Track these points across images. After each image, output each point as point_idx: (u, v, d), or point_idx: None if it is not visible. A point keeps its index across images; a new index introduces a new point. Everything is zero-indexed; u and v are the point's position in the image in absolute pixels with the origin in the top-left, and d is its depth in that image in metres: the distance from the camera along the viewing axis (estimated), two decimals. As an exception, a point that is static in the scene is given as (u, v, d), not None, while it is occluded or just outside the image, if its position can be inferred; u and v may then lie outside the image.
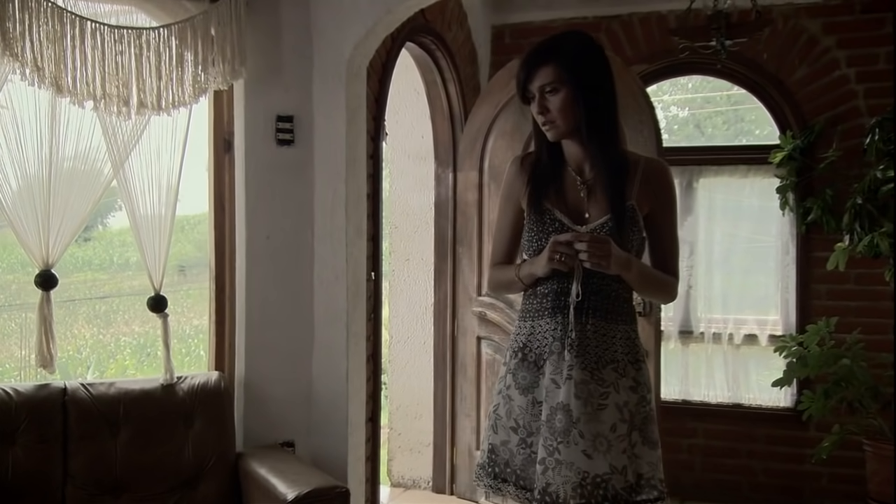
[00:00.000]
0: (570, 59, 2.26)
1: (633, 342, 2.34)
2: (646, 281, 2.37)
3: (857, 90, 4.80)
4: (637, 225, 2.32)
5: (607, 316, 2.29)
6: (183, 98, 3.25)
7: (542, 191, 2.38)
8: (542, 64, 2.27)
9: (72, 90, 3.05)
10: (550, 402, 2.26)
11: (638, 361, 2.33)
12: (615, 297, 2.31)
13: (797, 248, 4.87)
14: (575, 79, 2.25)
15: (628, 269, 2.27)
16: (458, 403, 4.92)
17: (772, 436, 4.93)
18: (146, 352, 6.88)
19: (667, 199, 2.39)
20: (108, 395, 3.18)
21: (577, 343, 2.25)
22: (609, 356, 2.28)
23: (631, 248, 2.30)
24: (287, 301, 3.53)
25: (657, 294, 2.47)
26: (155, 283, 3.30)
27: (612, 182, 2.31)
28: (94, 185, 3.19)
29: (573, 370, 2.24)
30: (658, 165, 2.42)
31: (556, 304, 2.31)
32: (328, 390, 3.54)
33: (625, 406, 2.27)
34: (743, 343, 5.03)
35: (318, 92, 3.52)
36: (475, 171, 4.81)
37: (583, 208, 2.34)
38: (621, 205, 2.30)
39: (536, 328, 2.35)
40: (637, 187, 2.32)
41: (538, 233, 2.35)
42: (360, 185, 3.65)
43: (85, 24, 3.08)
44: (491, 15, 5.39)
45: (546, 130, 2.33)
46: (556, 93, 2.26)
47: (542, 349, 2.32)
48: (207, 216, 3.60)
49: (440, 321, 5.01)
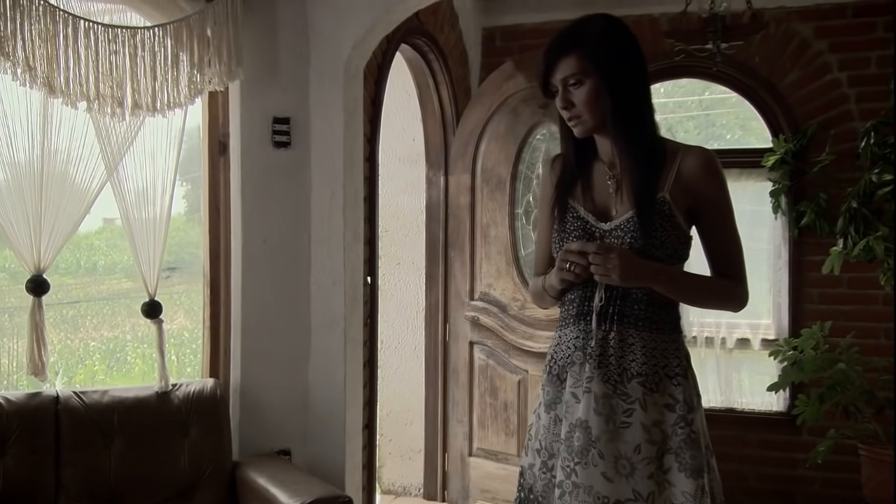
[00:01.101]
0: (594, 47, 2.07)
1: (671, 354, 2.11)
2: (685, 290, 2.15)
3: (848, 94, 4.83)
4: (671, 221, 2.08)
5: (636, 324, 2.09)
6: (178, 99, 3.20)
7: (568, 188, 2.23)
8: (563, 54, 2.09)
9: (64, 90, 2.98)
10: (570, 418, 2.11)
11: (677, 376, 2.09)
12: (647, 302, 2.10)
13: (789, 251, 4.88)
14: (600, 68, 2.06)
15: (650, 279, 2.07)
16: (450, 409, 4.88)
17: (764, 440, 4.94)
18: (115, 357, 6.81)
19: (713, 191, 2.11)
20: (101, 404, 3.12)
21: (596, 353, 2.09)
22: (635, 369, 2.07)
23: (663, 249, 2.08)
24: (283, 306, 3.48)
25: (710, 303, 2.24)
26: (149, 288, 3.23)
27: (639, 173, 2.10)
28: (87, 188, 3.12)
29: (592, 383, 2.07)
30: (700, 153, 2.13)
31: (581, 310, 2.15)
32: (325, 397, 3.49)
33: (654, 426, 2.06)
34: (735, 347, 5.04)
35: (315, 93, 3.48)
36: (467, 175, 4.78)
37: (610, 204, 2.17)
38: (648, 198, 2.08)
39: (562, 338, 2.20)
40: (672, 178, 2.09)
41: (560, 233, 2.21)
42: (357, 188, 3.61)
43: (78, 22, 3.01)
44: (482, 17, 5.37)
45: (573, 126, 2.16)
46: (581, 85, 2.08)
47: (565, 360, 2.17)
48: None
49: (431, 326, 4.97)
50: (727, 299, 2.22)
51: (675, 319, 2.15)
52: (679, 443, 2.05)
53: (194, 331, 4.89)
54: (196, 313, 4.99)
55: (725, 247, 2.17)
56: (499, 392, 4.66)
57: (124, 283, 4.74)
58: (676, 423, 2.06)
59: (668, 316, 2.13)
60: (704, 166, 2.11)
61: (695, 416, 2.08)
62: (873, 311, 4.72)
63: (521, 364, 4.55)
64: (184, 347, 4.86)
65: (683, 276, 2.16)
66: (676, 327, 2.15)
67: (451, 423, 4.89)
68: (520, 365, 4.56)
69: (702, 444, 2.09)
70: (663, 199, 2.09)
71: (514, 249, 4.60)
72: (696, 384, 2.14)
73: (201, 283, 3.51)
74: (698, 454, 2.06)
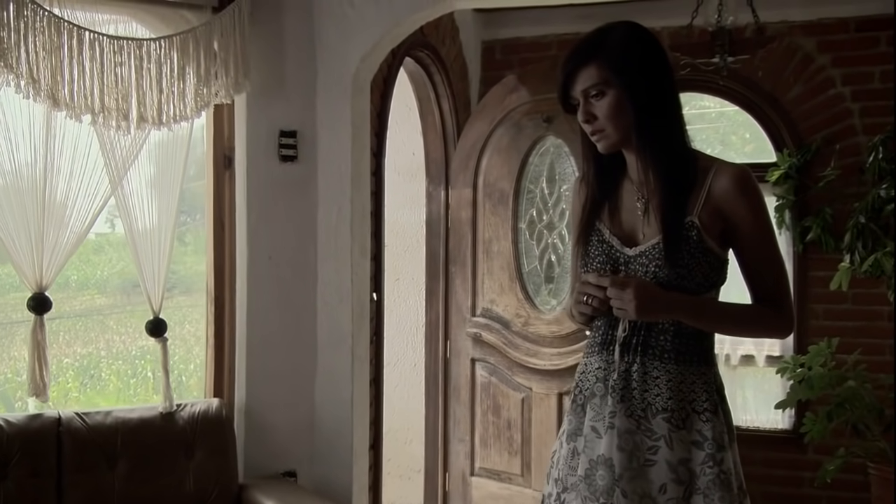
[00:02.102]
0: (616, 56, 1.96)
1: (699, 387, 2.00)
2: (714, 322, 2.04)
3: (852, 109, 4.84)
4: (701, 247, 1.97)
5: (662, 356, 1.99)
6: (185, 112, 3.16)
7: (594, 209, 2.12)
8: (583, 64, 1.98)
9: (69, 103, 2.96)
10: (590, 453, 2.02)
11: (706, 412, 1.97)
12: (675, 332, 1.99)
13: (794, 267, 4.88)
14: (623, 78, 1.95)
15: (671, 312, 1.97)
16: (452, 428, 4.84)
17: (769, 459, 4.92)
18: (89, 374, 6.76)
19: (747, 213, 1.97)
20: (104, 425, 3.06)
21: (619, 386, 1.99)
22: (660, 403, 1.97)
23: (691, 279, 1.97)
24: (289, 324, 3.45)
25: (746, 333, 2.21)
26: (154, 305, 3.19)
27: (667, 193, 1.98)
28: (91, 203, 3.08)
29: (615, 417, 1.98)
30: (734, 171, 1.99)
31: (605, 339, 2.05)
32: (332, 417, 3.45)
33: (681, 465, 1.95)
34: (740, 364, 5.03)
35: (323, 106, 3.46)
36: (469, 189, 4.76)
37: (638, 227, 2.05)
38: (676, 223, 1.96)
39: (588, 366, 2.10)
40: (703, 200, 1.97)
41: (584, 257, 2.11)
42: (364, 203, 3.58)
43: (83, 34, 2.99)
44: (482, 30, 5.35)
45: (596, 141, 2.04)
46: (603, 96, 1.96)
47: (588, 391, 2.08)
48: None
49: (432, 343, 4.93)
50: (766, 328, 2.13)
51: (706, 350, 2.04)
52: (707, 483, 1.94)
53: (171, 347, 4.84)
54: (172, 328, 4.92)
55: (764, 271, 2.04)
56: (502, 410, 4.63)
57: (98, 299, 4.68)
58: (705, 461, 1.95)
59: (698, 347, 2.02)
60: (737, 185, 1.97)
61: (725, 455, 1.96)
62: (879, 328, 4.72)
63: (525, 381, 4.52)
64: (160, 364, 4.83)
65: (711, 307, 2.04)
66: (707, 359, 2.04)
67: (452, 442, 4.85)
68: (523, 382, 4.53)
69: (733, 485, 1.97)
70: (692, 223, 1.97)
71: (517, 265, 4.58)
72: (729, 420, 2.03)
73: (175, 296, 3.46)
74: (728, 496, 1.95)
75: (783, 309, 2.05)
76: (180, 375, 4.78)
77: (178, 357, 4.04)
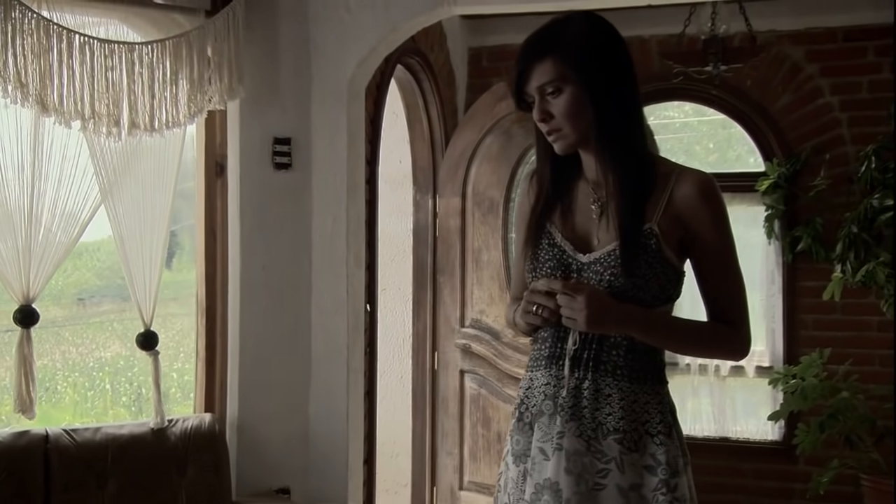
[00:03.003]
0: (574, 50, 1.82)
1: (653, 408, 1.87)
2: (668, 339, 1.92)
3: (840, 118, 4.87)
4: (658, 256, 1.84)
5: (614, 372, 1.86)
6: (178, 118, 3.10)
7: (545, 210, 1.98)
8: (538, 58, 1.82)
9: (58, 108, 2.88)
10: (536, 477, 1.88)
11: (660, 434, 1.85)
12: (627, 347, 1.87)
13: (784, 277, 4.91)
14: (581, 74, 1.81)
15: (622, 325, 1.83)
16: (439, 441, 4.79)
17: (760, 470, 4.93)
18: (45, 386, 6.66)
19: (708, 222, 1.86)
20: (94, 442, 2.99)
21: (569, 404, 1.85)
22: (612, 423, 1.84)
23: (647, 289, 1.84)
24: (283, 335, 3.39)
25: (701, 352, 2.10)
26: (145, 317, 3.11)
27: (626, 198, 1.85)
28: (80, 212, 3.00)
29: (564, 438, 1.84)
30: (696, 178, 1.88)
31: (553, 352, 1.91)
32: (327, 431, 3.40)
33: (632, 490, 1.83)
34: (729, 375, 5.03)
35: (318, 113, 3.41)
36: (458, 197, 4.72)
37: (592, 232, 1.92)
38: (634, 229, 1.84)
39: (534, 381, 1.95)
40: (663, 206, 1.85)
41: (533, 262, 1.96)
42: (359, 212, 3.54)
43: (73, 37, 2.92)
44: (469, 37, 5.33)
45: (552, 141, 1.90)
46: (560, 93, 1.82)
47: (535, 408, 1.93)
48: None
49: (419, 354, 4.88)
50: (721, 349, 2.01)
51: (659, 368, 1.92)
52: None
53: (130, 359, 4.77)
54: (130, 339, 4.85)
55: (722, 287, 1.92)
56: (492, 423, 4.59)
57: (52, 310, 4.60)
58: (658, 488, 1.83)
59: (652, 364, 1.89)
60: (700, 193, 1.85)
61: (679, 481, 1.85)
62: (868, 338, 4.75)
63: (516, 393, 4.47)
64: (118, 376, 4.76)
65: (666, 323, 1.92)
66: (660, 377, 1.91)
67: (439, 456, 4.80)
68: (513, 394, 4.46)
69: None
70: (651, 230, 1.84)
71: (507, 275, 4.54)
72: (682, 443, 1.90)
73: (134, 308, 3.36)
74: None
75: (739, 329, 1.92)
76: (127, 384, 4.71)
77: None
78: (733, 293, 1.91)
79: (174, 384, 4.43)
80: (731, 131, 5.94)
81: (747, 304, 1.93)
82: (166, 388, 4.50)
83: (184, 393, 4.36)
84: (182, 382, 4.34)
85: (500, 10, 3.26)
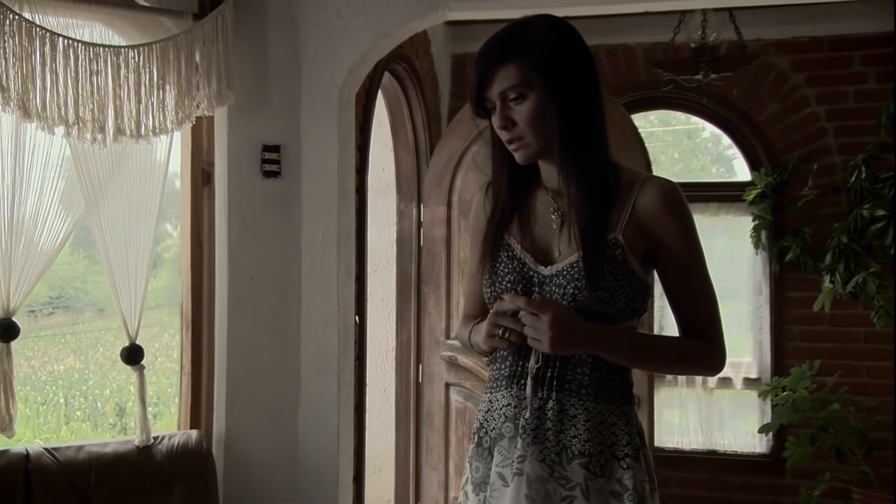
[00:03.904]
0: (539, 54, 1.75)
1: (620, 430, 1.80)
2: (637, 357, 1.85)
3: (827, 128, 4.91)
4: (624, 268, 1.78)
5: (580, 391, 1.78)
6: (165, 124, 3.02)
7: (502, 220, 1.90)
8: (500, 63, 1.76)
9: (40, 114, 2.79)
10: None
11: (627, 457, 1.78)
12: (593, 365, 1.79)
13: (771, 288, 4.92)
14: (545, 79, 1.75)
15: (589, 345, 1.76)
16: (424, 456, 4.74)
17: (748, 483, 4.94)
18: None
19: (675, 230, 1.80)
20: (76, 461, 2.89)
21: (531, 426, 1.77)
22: (577, 447, 1.76)
23: (613, 302, 1.77)
24: (272, 349, 3.32)
25: (673, 369, 1.97)
26: (130, 331, 3.02)
27: (590, 208, 1.78)
28: (63, 221, 2.91)
29: (525, 463, 1.76)
30: (660, 186, 1.82)
31: (514, 371, 1.83)
32: (317, 447, 3.33)
33: None
34: (717, 387, 5.04)
35: (307, 120, 3.35)
36: (443, 206, 4.68)
37: (553, 243, 1.85)
38: (599, 238, 1.78)
39: (493, 403, 1.87)
40: (627, 216, 1.80)
41: (491, 275, 1.88)
42: (350, 222, 3.48)
43: (56, 39, 2.83)
44: (451, 43, 5.30)
45: (514, 150, 1.82)
46: (523, 99, 1.75)
47: (494, 432, 1.85)
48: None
49: (403, 367, 4.83)
50: (695, 364, 1.94)
51: (626, 387, 1.85)
52: None
53: (85, 371, 4.69)
54: (84, 351, 4.74)
55: (692, 300, 1.85)
56: (478, 437, 4.54)
57: None
58: None
59: (619, 383, 1.83)
60: (664, 201, 1.80)
61: None
62: (856, 349, 4.78)
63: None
64: (73, 390, 4.67)
65: (635, 340, 1.85)
66: (627, 397, 1.84)
67: (424, 471, 4.74)
68: (501, 408, 4.45)
69: None
70: (616, 241, 1.78)
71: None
72: (650, 468, 1.84)
73: (87, 319, 3.30)
74: None
75: (713, 342, 1.85)
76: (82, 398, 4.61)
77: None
78: (704, 305, 1.85)
79: (131, 397, 4.34)
80: (696, 141, 6.00)
81: (720, 316, 1.86)
82: (126, 403, 4.42)
83: (154, 407, 4.28)
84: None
85: (495, 16, 3.21)
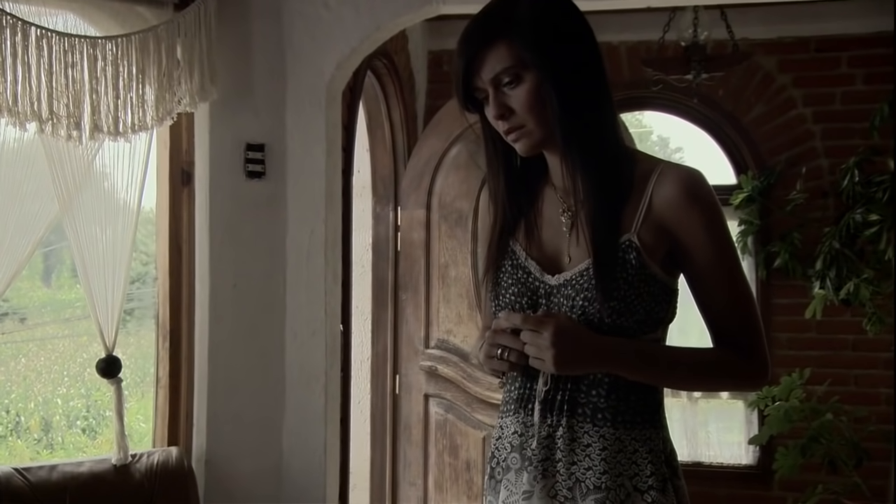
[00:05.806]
0: (531, 29, 1.56)
1: (642, 458, 1.60)
2: (660, 374, 1.64)
3: (814, 130, 4.93)
4: (642, 274, 1.58)
5: (594, 416, 1.59)
6: (144, 121, 2.92)
7: (507, 227, 1.72)
8: (488, 44, 1.57)
9: (11, 108, 2.69)
10: None
11: (651, 490, 1.58)
12: (610, 385, 1.60)
13: (758, 294, 4.93)
14: (543, 56, 1.56)
15: (599, 363, 1.58)
16: (401, 471, 4.67)
17: (734, 496, 4.94)
18: None
19: (701, 227, 1.59)
20: (50, 482, 2.78)
21: (538, 457, 1.61)
22: (592, 480, 1.58)
23: (630, 314, 1.58)
24: (255, 361, 3.23)
25: (705, 386, 1.89)
26: (107, 341, 2.91)
27: (600, 204, 1.59)
28: (35, 224, 2.81)
29: (532, 499, 1.60)
30: (680, 176, 1.61)
31: (522, 394, 1.67)
32: (303, 464, 3.24)
33: None
34: (702, 397, 5.04)
35: (293, 117, 3.27)
36: (422, 209, 4.61)
37: (563, 248, 1.67)
38: (611, 241, 1.59)
39: (504, 430, 1.71)
40: (643, 213, 1.60)
41: (495, 287, 1.71)
42: (337, 225, 3.41)
43: (28, 29, 2.72)
44: (428, 40, 5.24)
45: (514, 142, 1.63)
46: (519, 82, 1.56)
47: (504, 463, 1.70)
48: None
49: (379, 377, 4.75)
50: (731, 379, 1.71)
51: (652, 409, 1.64)
52: None
53: (6, 384, 4.57)
54: (5, 363, 4.62)
55: (725, 304, 1.64)
56: (460, 450, 4.48)
57: None
58: None
59: (642, 404, 1.62)
60: (684, 194, 1.58)
61: None
62: (844, 357, 4.81)
63: (487, 419, 4.39)
64: (26, 402, 4.56)
65: (655, 354, 1.64)
66: (653, 420, 1.63)
67: (401, 486, 4.67)
68: (484, 420, 4.40)
69: None
70: (630, 243, 1.59)
71: (478, 292, 4.45)
72: (682, 500, 1.66)
73: (8, 330, 3.19)
74: None
75: (753, 353, 1.63)
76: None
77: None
78: (738, 311, 1.64)
79: (59, 411, 4.25)
80: (645, 144, 6.03)
81: (759, 323, 1.65)
82: (74, 418, 4.30)
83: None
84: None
85: (489, 10, 3.17)
